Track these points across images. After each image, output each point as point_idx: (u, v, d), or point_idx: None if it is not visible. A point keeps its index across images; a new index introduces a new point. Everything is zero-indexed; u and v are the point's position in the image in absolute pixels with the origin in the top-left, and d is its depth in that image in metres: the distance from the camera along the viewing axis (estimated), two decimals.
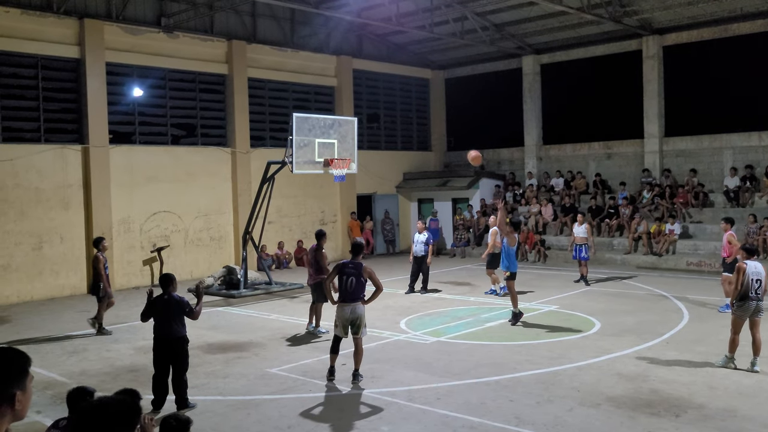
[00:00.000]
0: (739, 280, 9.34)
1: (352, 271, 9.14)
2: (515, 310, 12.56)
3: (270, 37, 22.02)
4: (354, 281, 9.10)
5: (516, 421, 7.50)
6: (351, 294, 9.12)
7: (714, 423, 7.33)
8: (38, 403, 8.31)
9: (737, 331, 9.42)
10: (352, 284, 9.11)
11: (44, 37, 17.10)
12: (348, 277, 9.14)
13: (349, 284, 9.12)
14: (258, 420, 7.84)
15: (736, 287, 9.37)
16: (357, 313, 9.13)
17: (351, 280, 9.12)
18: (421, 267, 16.14)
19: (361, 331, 9.20)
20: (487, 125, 26.48)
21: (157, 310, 8.47)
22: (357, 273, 9.11)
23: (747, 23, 20.28)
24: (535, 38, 24.02)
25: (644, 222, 20.32)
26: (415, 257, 16.21)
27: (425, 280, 16.32)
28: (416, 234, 16.46)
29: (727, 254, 13.49)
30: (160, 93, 19.60)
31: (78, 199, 17.65)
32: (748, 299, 9.31)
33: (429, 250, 16.06)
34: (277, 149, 19.45)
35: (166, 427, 4.68)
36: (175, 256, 19.35)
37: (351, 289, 9.12)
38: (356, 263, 9.21)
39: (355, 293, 9.13)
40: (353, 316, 9.12)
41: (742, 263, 9.48)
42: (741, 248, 10.13)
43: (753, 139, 20.63)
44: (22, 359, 2.60)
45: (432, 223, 23.21)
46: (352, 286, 9.11)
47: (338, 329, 9.24)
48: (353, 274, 9.12)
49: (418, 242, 16.13)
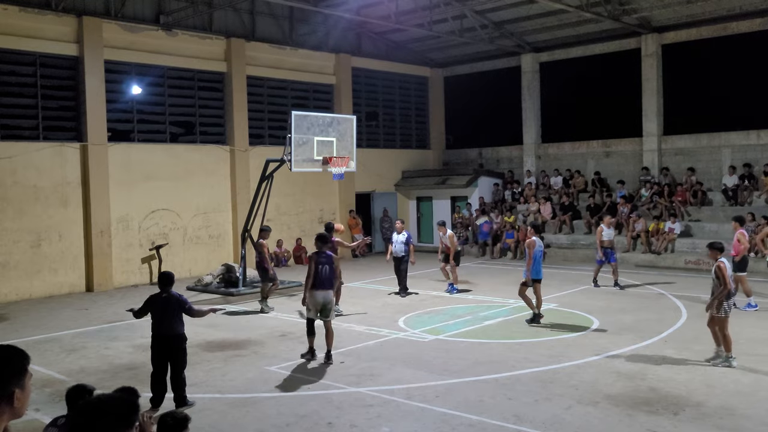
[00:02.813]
0: (727, 280, 9.31)
1: (325, 261, 10.10)
2: (537, 311, 12.40)
3: (269, 35, 21.99)
4: (328, 269, 10.06)
5: (514, 419, 7.51)
6: (324, 282, 10.02)
7: (712, 421, 7.34)
8: (37, 401, 8.31)
9: (728, 329, 9.44)
10: (326, 272, 10.03)
11: (43, 34, 17.07)
12: (323, 266, 10.04)
13: (324, 272, 10.01)
14: (257, 418, 7.84)
15: (726, 287, 9.32)
16: (328, 298, 10.12)
17: (325, 268, 10.04)
18: (400, 267, 15.66)
19: (330, 315, 10.18)
20: (485, 123, 26.48)
21: (156, 307, 8.47)
22: (330, 262, 10.14)
23: (746, 22, 20.28)
24: (534, 36, 24.01)
25: (643, 220, 20.34)
26: (395, 257, 15.71)
27: (403, 281, 15.72)
28: (395, 234, 15.97)
29: (735, 253, 13.51)
30: (159, 91, 19.58)
31: (76, 196, 17.64)
32: (731, 297, 9.38)
33: (410, 249, 15.68)
34: (276, 147, 19.42)
35: (163, 425, 4.68)
36: (174, 254, 19.35)
37: (325, 277, 10.02)
38: (328, 254, 10.22)
39: (328, 281, 10.07)
40: (324, 301, 10.07)
41: (722, 263, 9.42)
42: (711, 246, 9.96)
43: (751, 138, 20.64)
44: (21, 357, 2.60)
45: (485, 226, 22.94)
46: (326, 274, 10.02)
47: (311, 312, 10.17)
48: (327, 263, 10.09)
49: (398, 242, 15.67)
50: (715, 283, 9.53)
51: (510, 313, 13.53)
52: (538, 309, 12.43)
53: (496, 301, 14.81)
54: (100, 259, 17.81)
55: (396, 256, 15.72)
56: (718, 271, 9.38)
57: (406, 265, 15.71)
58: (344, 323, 12.74)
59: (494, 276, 18.62)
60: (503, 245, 22.61)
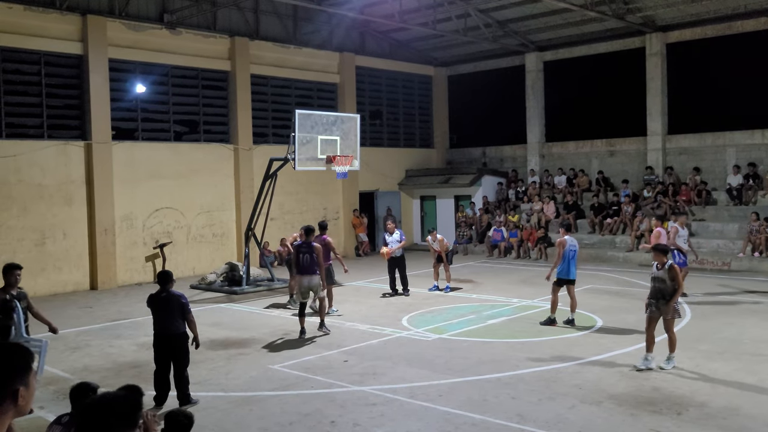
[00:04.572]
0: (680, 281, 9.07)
1: (306, 250, 11.80)
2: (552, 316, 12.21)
3: (273, 33, 22.01)
4: (308, 258, 11.74)
5: (518, 419, 7.50)
6: (307, 268, 11.71)
7: (716, 421, 7.33)
8: (41, 398, 8.33)
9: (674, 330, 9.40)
10: (307, 260, 11.73)
11: (47, 33, 17.10)
12: (304, 255, 11.76)
13: (305, 260, 11.73)
14: (260, 416, 7.85)
15: (680, 288, 9.09)
16: (313, 282, 11.77)
17: (306, 257, 11.76)
18: (398, 266, 15.57)
19: (318, 293, 11.89)
20: (489, 122, 26.44)
21: (156, 307, 8.48)
22: (310, 251, 11.78)
23: (751, 21, 20.22)
24: (538, 35, 23.98)
25: (647, 220, 20.29)
26: (393, 258, 15.51)
27: (404, 279, 15.66)
28: (386, 235, 15.83)
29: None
30: (163, 89, 19.60)
31: (81, 195, 17.67)
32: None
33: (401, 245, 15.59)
34: (280, 146, 19.45)
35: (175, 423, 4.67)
36: (178, 253, 19.38)
37: (307, 264, 11.71)
38: (310, 244, 11.84)
39: (310, 267, 11.71)
40: (309, 284, 11.75)
41: (675, 265, 9.21)
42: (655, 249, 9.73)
43: (756, 137, 20.58)
44: (25, 355, 2.61)
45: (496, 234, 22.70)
46: (307, 262, 11.72)
47: (299, 296, 11.91)
48: (307, 252, 11.77)
49: (393, 242, 15.55)
50: (666, 285, 9.16)
51: (513, 312, 13.52)
52: (572, 312, 12.11)
53: (500, 300, 14.80)
54: (104, 258, 17.85)
55: (395, 256, 15.55)
56: (673, 272, 9.14)
57: (404, 263, 15.69)
58: (347, 322, 12.75)
59: (498, 275, 18.60)
60: (492, 241, 22.63)
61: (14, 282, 8.61)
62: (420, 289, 16.11)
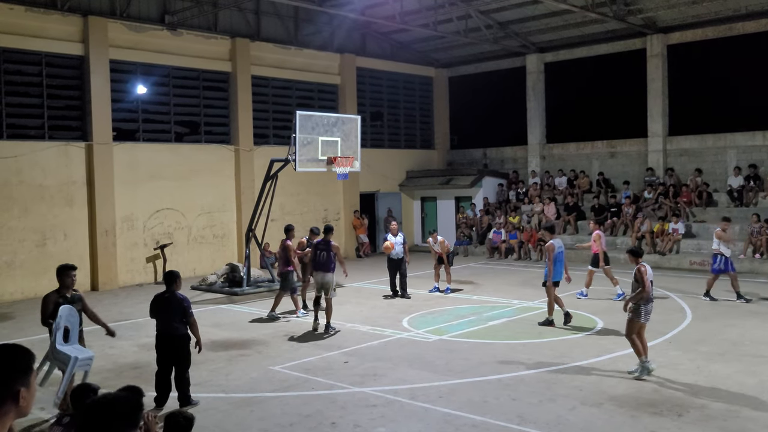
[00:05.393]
0: (646, 283, 9.03)
1: (324, 248, 12.30)
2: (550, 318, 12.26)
3: (274, 35, 22.02)
4: (325, 255, 12.24)
5: (518, 420, 7.50)
6: (322, 265, 12.22)
7: (716, 423, 7.32)
8: (42, 399, 8.33)
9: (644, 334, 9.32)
10: (324, 257, 12.24)
11: (48, 34, 17.12)
12: (321, 252, 12.29)
13: (321, 257, 12.25)
14: (260, 417, 7.85)
15: (645, 289, 9.02)
16: (326, 279, 12.17)
17: (323, 254, 12.26)
18: (400, 269, 15.52)
19: (330, 293, 12.13)
20: (490, 124, 26.45)
21: (159, 307, 8.49)
22: (327, 249, 12.25)
23: (752, 22, 20.22)
24: (538, 37, 23.98)
25: (647, 221, 20.30)
26: (395, 259, 15.49)
27: (404, 283, 15.59)
28: (389, 236, 15.75)
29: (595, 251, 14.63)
30: (164, 90, 19.62)
31: (82, 196, 17.68)
32: (651, 302, 9.18)
33: (405, 249, 15.55)
34: (281, 147, 19.46)
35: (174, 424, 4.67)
36: (179, 254, 19.38)
37: (323, 261, 12.22)
38: (327, 242, 12.33)
39: (325, 264, 12.19)
40: (323, 280, 12.16)
41: (642, 267, 9.16)
42: (628, 251, 9.73)
43: (757, 139, 20.57)
44: (26, 356, 2.61)
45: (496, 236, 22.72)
46: (323, 259, 12.23)
47: (316, 290, 12.35)
48: (324, 250, 12.28)
49: (397, 244, 15.44)
50: (634, 286, 9.21)
51: (514, 313, 13.52)
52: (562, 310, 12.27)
53: (500, 301, 14.79)
54: (105, 259, 17.86)
55: (397, 258, 15.50)
56: (638, 274, 9.10)
57: (405, 266, 15.65)
58: (348, 323, 12.75)
59: (498, 276, 18.60)
60: (492, 243, 22.63)
61: (69, 284, 8.34)
62: (421, 291, 16.12)
